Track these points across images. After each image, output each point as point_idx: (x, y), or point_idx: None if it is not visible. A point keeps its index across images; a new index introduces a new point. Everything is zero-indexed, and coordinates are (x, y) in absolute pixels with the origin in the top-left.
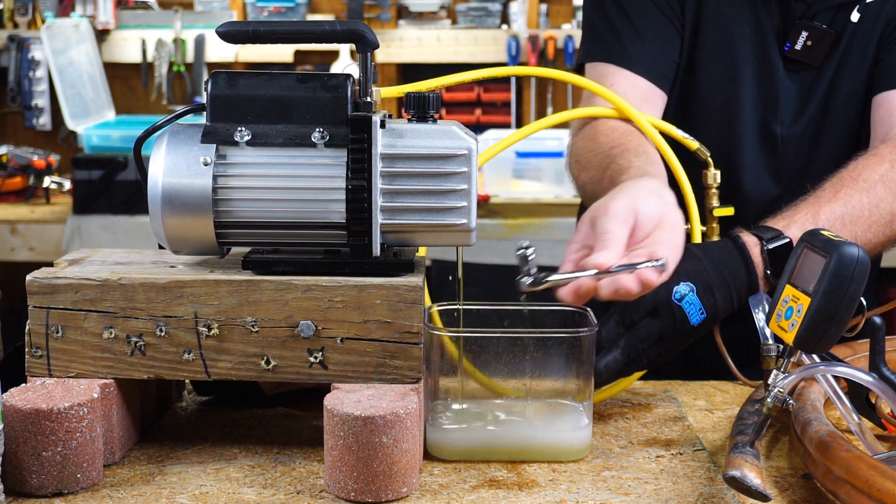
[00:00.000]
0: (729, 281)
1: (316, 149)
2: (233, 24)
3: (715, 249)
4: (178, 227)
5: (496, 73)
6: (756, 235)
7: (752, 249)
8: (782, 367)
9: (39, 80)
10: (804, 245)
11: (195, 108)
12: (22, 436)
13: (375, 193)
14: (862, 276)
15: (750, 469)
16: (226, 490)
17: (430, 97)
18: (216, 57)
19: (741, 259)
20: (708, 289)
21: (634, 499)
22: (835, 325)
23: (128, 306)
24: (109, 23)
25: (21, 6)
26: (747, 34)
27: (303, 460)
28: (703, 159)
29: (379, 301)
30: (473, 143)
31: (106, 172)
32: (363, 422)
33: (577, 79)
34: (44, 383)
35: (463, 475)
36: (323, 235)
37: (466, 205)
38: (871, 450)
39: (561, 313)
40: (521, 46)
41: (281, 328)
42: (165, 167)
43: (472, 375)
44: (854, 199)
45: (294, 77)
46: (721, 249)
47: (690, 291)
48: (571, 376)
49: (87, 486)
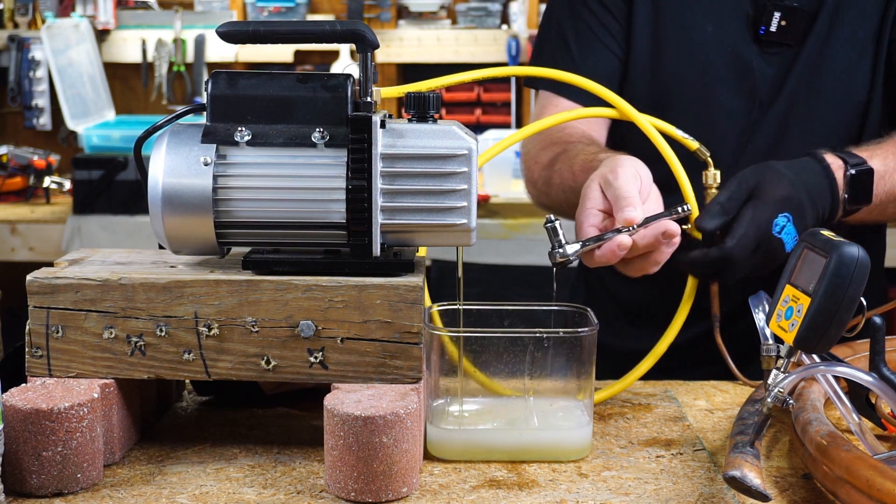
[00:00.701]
0: (818, 204)
1: (316, 149)
2: (233, 24)
3: (805, 172)
4: (179, 227)
5: (496, 73)
6: (841, 158)
7: (836, 172)
8: (782, 367)
9: (39, 80)
10: (804, 245)
11: (195, 108)
12: (22, 436)
13: (375, 193)
14: (862, 276)
15: (750, 469)
16: (226, 490)
17: (430, 97)
18: (216, 57)
19: (827, 181)
20: (802, 216)
21: (634, 499)
22: (835, 325)
23: (128, 306)
24: (109, 23)
25: (21, 6)
26: (710, 31)
27: (303, 460)
28: (703, 159)
29: (379, 301)
30: (473, 143)
31: (106, 172)
32: (363, 422)
33: (577, 79)
34: (44, 383)
35: (463, 475)
36: (323, 235)
37: (466, 205)
38: (871, 450)
39: (561, 313)
40: (521, 46)
41: (281, 328)
42: (165, 167)
43: (472, 375)
44: None
45: (294, 77)
46: (810, 172)
47: (788, 222)
48: (571, 376)
49: (87, 486)
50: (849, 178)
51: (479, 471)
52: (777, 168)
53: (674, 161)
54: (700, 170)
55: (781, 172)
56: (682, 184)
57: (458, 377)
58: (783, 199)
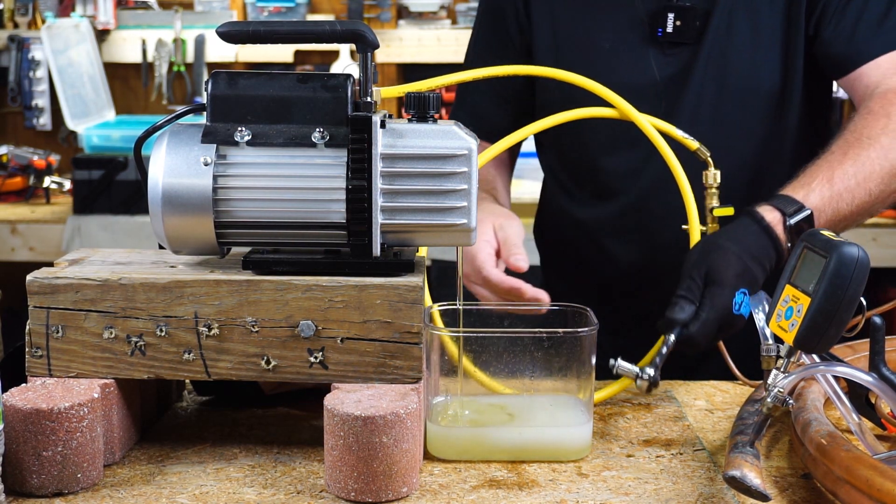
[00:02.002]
0: (765, 264)
1: (316, 149)
2: (233, 24)
3: (747, 237)
4: (179, 227)
5: (496, 73)
6: (778, 210)
7: (776, 227)
8: (782, 367)
9: (39, 80)
10: (804, 245)
11: (195, 108)
12: (22, 436)
13: (375, 193)
14: (862, 276)
15: (750, 469)
16: (226, 490)
17: (430, 97)
18: (216, 57)
19: (769, 240)
20: (755, 284)
21: (634, 499)
22: (835, 325)
23: (128, 306)
24: (109, 23)
25: (21, 6)
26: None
27: (303, 460)
28: (702, 159)
29: (379, 301)
30: (473, 143)
31: (106, 172)
32: (363, 422)
33: (578, 78)
34: (44, 383)
35: (463, 475)
36: (323, 235)
37: (466, 205)
38: (871, 450)
39: (561, 313)
40: None
41: (281, 328)
42: (166, 167)
43: (472, 375)
44: (862, 156)
45: (294, 77)
46: (751, 235)
47: (745, 296)
48: (571, 376)
49: (88, 486)
50: (788, 228)
51: (479, 471)
52: (720, 244)
53: (673, 161)
54: (700, 170)
55: (726, 248)
56: (681, 184)
57: (458, 377)
58: (736, 277)
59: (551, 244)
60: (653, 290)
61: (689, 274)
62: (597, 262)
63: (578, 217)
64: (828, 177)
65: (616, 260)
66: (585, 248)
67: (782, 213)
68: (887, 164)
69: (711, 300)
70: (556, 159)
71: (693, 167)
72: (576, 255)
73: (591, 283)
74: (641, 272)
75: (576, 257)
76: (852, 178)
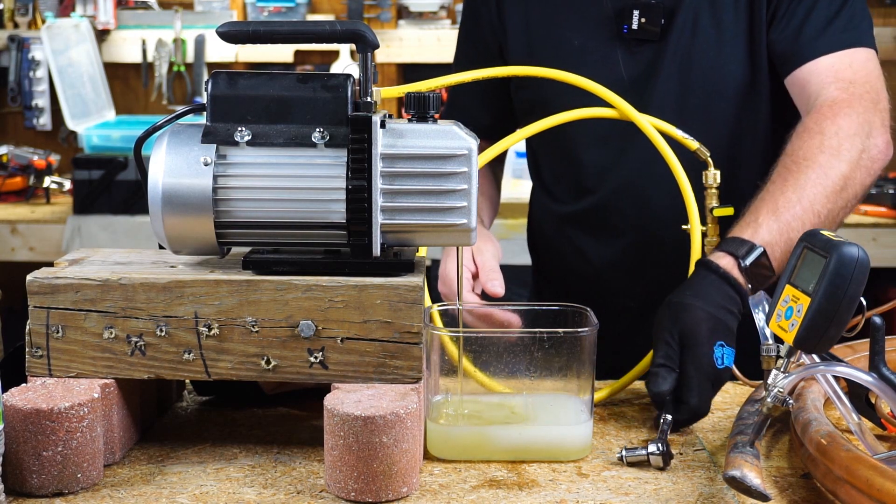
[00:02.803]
0: (733, 310)
1: (316, 149)
2: (233, 24)
3: (708, 289)
4: (179, 227)
5: (496, 74)
6: (731, 254)
7: (732, 272)
8: (782, 367)
9: (39, 80)
10: (804, 245)
11: (195, 108)
12: (22, 436)
13: (375, 193)
14: (862, 276)
15: (750, 469)
16: (226, 490)
17: (430, 97)
18: (216, 57)
19: (730, 287)
20: (729, 332)
21: (634, 499)
22: (835, 325)
23: (128, 306)
24: (109, 23)
25: (21, 6)
26: (577, 44)
27: (303, 460)
28: (702, 159)
29: (379, 301)
30: (473, 143)
31: (106, 172)
32: (363, 422)
33: (577, 79)
34: (44, 383)
35: (463, 475)
36: (323, 235)
37: (466, 205)
38: (871, 450)
39: (561, 313)
40: None
41: (281, 328)
42: (166, 167)
43: (472, 375)
44: (801, 179)
45: (294, 77)
46: (711, 286)
47: (723, 347)
48: (572, 376)
49: (88, 486)
50: (745, 270)
51: (479, 471)
52: (685, 303)
53: (674, 161)
54: (700, 170)
55: (691, 305)
56: (681, 184)
57: (458, 377)
58: (710, 332)
59: (539, 244)
60: (632, 286)
61: (663, 339)
62: (576, 260)
63: (558, 214)
64: (772, 209)
65: (592, 257)
66: (566, 246)
67: (734, 256)
68: (829, 182)
69: (694, 364)
70: (537, 157)
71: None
72: (557, 253)
73: (573, 282)
74: (618, 268)
75: (558, 256)
76: (797, 204)
